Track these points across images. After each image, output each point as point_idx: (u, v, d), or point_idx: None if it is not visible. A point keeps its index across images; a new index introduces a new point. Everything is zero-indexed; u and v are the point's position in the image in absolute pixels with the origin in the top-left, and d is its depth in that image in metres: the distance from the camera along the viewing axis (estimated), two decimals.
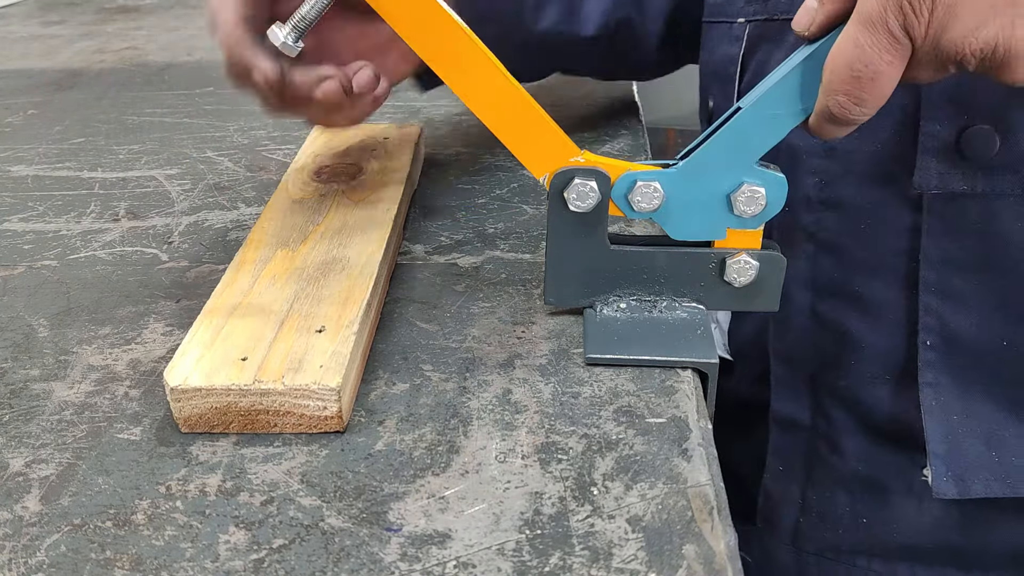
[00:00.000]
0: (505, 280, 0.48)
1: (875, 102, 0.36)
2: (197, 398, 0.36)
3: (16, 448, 0.36)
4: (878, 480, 0.55)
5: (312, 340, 0.38)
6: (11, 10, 1.30)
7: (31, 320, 0.45)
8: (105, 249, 0.52)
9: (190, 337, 0.39)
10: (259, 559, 0.30)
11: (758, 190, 0.40)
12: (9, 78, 0.92)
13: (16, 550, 0.31)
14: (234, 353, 0.37)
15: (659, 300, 0.43)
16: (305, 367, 0.36)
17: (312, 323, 0.39)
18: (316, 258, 0.45)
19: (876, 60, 0.35)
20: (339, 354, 0.37)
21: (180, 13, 1.25)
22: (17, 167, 0.66)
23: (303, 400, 0.36)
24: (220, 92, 0.84)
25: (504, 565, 0.30)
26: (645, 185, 0.40)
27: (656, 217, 0.41)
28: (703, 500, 0.32)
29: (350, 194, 0.52)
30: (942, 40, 0.35)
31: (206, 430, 0.37)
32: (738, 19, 0.56)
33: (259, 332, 0.39)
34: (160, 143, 0.70)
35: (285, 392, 0.36)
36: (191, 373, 0.36)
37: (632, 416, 0.37)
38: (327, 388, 0.35)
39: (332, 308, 0.40)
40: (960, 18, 0.34)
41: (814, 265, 0.53)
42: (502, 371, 0.40)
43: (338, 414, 0.36)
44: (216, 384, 0.36)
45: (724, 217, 0.41)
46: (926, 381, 0.50)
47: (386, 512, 0.32)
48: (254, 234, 0.48)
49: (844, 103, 0.36)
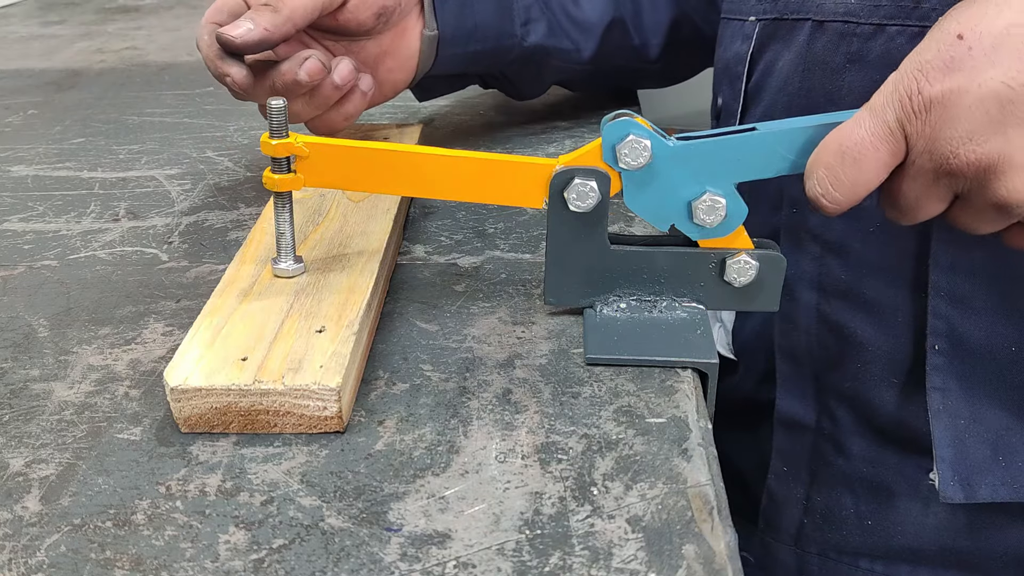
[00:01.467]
0: (505, 280, 0.48)
1: (849, 189, 0.37)
2: (197, 398, 0.36)
3: (16, 448, 0.36)
4: (883, 482, 0.55)
5: (312, 340, 0.38)
6: (11, 10, 1.30)
7: (31, 320, 0.45)
8: (105, 249, 0.52)
9: (190, 337, 0.39)
10: (259, 559, 0.30)
11: (723, 204, 0.40)
12: (9, 78, 0.92)
13: (16, 550, 0.31)
14: (234, 353, 0.37)
15: (659, 300, 0.43)
16: (305, 367, 0.36)
17: (312, 323, 0.39)
18: (316, 258, 0.45)
19: (865, 143, 0.36)
20: (339, 354, 0.37)
21: (180, 13, 1.25)
22: (17, 167, 0.66)
23: (303, 400, 0.36)
24: (220, 92, 0.84)
25: (504, 565, 0.30)
26: (637, 140, 0.39)
27: (628, 175, 0.40)
28: (703, 500, 0.32)
29: (350, 194, 0.52)
30: (937, 141, 0.35)
31: (206, 430, 0.36)
32: (749, 17, 0.56)
33: (259, 332, 0.39)
34: (160, 143, 0.70)
35: (285, 392, 0.36)
36: (191, 373, 0.36)
37: (632, 416, 0.37)
38: (327, 388, 0.35)
39: (332, 308, 0.40)
40: (956, 121, 0.35)
41: (820, 266, 0.53)
42: (502, 371, 0.40)
43: (338, 414, 0.36)
44: (216, 384, 0.36)
45: (680, 213, 0.41)
46: (934, 385, 0.50)
47: (386, 512, 0.32)
48: (254, 234, 0.48)
49: (821, 179, 0.37)
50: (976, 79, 0.35)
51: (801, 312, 0.55)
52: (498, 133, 0.70)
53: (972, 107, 0.35)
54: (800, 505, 0.59)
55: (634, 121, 0.39)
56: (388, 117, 0.75)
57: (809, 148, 0.38)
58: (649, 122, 0.40)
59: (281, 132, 0.40)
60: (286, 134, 0.40)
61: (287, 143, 0.40)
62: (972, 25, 0.35)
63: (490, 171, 0.41)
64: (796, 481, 0.58)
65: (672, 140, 0.40)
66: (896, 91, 0.36)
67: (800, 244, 0.54)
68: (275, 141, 0.40)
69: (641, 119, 0.40)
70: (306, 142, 0.41)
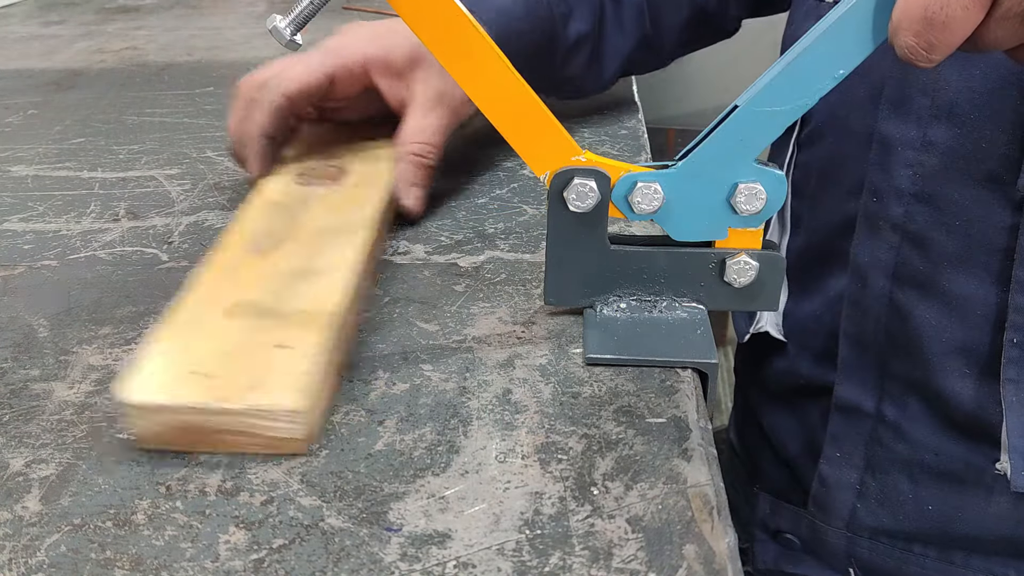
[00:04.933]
0: (505, 280, 0.48)
1: (944, 50, 0.35)
2: (153, 415, 0.34)
3: (16, 448, 0.36)
4: (948, 470, 0.55)
5: (276, 356, 0.36)
6: (11, 10, 1.30)
7: (31, 320, 0.45)
8: (105, 249, 0.52)
9: (152, 349, 0.37)
10: (259, 559, 0.30)
11: (757, 188, 0.40)
12: (9, 78, 0.92)
13: (16, 550, 0.31)
14: (196, 368, 0.35)
15: (659, 300, 0.43)
16: (268, 385, 0.34)
17: (278, 337, 0.37)
18: (288, 266, 0.43)
19: (953, 3, 0.33)
20: (304, 372, 0.35)
21: (180, 13, 1.25)
22: (17, 167, 0.66)
23: (264, 421, 0.34)
24: (220, 92, 0.84)
25: (504, 565, 0.30)
26: (645, 186, 0.40)
27: (657, 218, 0.41)
28: (703, 500, 0.32)
29: (330, 198, 0.50)
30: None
31: (163, 447, 0.35)
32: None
33: (223, 346, 0.37)
34: (160, 143, 0.70)
35: (245, 412, 0.34)
36: (148, 388, 0.34)
37: (632, 416, 0.37)
38: (289, 409, 0.34)
39: (300, 321, 0.38)
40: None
41: (898, 255, 0.53)
42: (502, 371, 0.40)
43: (301, 436, 0.34)
44: (173, 401, 0.34)
45: (725, 217, 0.41)
46: (1009, 377, 0.50)
47: (386, 512, 0.32)
48: (225, 238, 0.46)
49: (912, 47, 0.35)
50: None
51: (872, 299, 0.55)
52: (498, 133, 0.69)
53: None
54: (853, 489, 0.59)
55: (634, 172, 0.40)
56: None
57: (801, 84, 0.38)
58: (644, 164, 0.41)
59: None
60: None
61: None
62: None
63: (528, 108, 0.39)
64: (850, 466, 0.59)
65: (673, 163, 0.40)
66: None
67: (878, 232, 0.54)
68: None
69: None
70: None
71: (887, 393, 0.56)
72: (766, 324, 0.64)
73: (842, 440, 0.59)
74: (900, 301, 0.54)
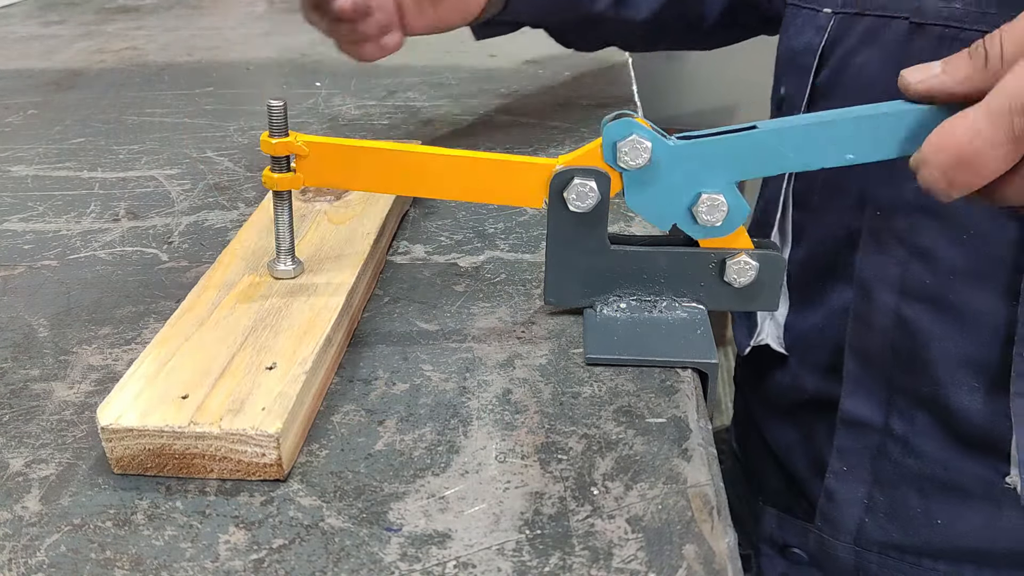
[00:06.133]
0: (505, 280, 0.48)
1: (964, 191, 0.35)
2: (129, 439, 0.33)
3: (16, 448, 0.36)
4: (956, 484, 0.55)
5: (260, 378, 0.35)
6: (11, 10, 1.30)
7: (31, 320, 0.45)
8: (105, 249, 0.52)
9: (133, 369, 0.36)
10: (259, 559, 0.30)
11: (720, 199, 0.40)
12: (9, 78, 0.92)
13: (16, 550, 0.31)
14: (175, 390, 0.35)
15: (659, 300, 0.43)
16: (247, 409, 0.34)
17: (264, 358, 0.36)
18: (283, 285, 0.42)
19: (986, 154, 0.34)
20: (285, 395, 0.34)
21: (180, 13, 1.25)
22: (17, 167, 0.66)
23: (240, 445, 0.33)
24: (220, 92, 0.84)
25: (504, 565, 0.30)
26: (639, 141, 0.39)
27: (628, 175, 0.40)
28: (703, 500, 0.32)
29: (332, 214, 0.50)
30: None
31: (140, 472, 0.34)
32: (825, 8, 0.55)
33: (207, 366, 0.36)
34: (160, 143, 0.70)
35: (221, 436, 0.33)
36: (125, 411, 0.33)
37: (632, 416, 0.37)
38: (265, 434, 0.33)
39: (288, 342, 0.38)
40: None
41: (905, 270, 0.53)
42: (502, 371, 0.40)
43: (276, 461, 0.33)
44: (149, 425, 0.33)
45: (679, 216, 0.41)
46: (1018, 391, 0.50)
47: (386, 512, 0.32)
48: (224, 256, 0.45)
49: (936, 179, 0.35)
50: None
51: (878, 313, 0.54)
52: (498, 133, 0.70)
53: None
54: (861, 504, 0.58)
55: (635, 121, 0.39)
56: (388, 117, 0.75)
57: (815, 146, 0.38)
58: (649, 122, 0.40)
59: (281, 131, 0.40)
60: (286, 133, 0.40)
61: (287, 142, 0.40)
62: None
63: (490, 171, 0.41)
64: (857, 480, 0.58)
65: (672, 139, 0.40)
66: (1019, 94, 0.33)
67: (884, 247, 0.53)
68: (275, 140, 0.40)
69: (641, 119, 0.40)
70: (306, 141, 0.40)
71: (895, 407, 0.56)
72: (767, 337, 0.63)
73: (849, 454, 0.58)
74: (907, 316, 0.53)
